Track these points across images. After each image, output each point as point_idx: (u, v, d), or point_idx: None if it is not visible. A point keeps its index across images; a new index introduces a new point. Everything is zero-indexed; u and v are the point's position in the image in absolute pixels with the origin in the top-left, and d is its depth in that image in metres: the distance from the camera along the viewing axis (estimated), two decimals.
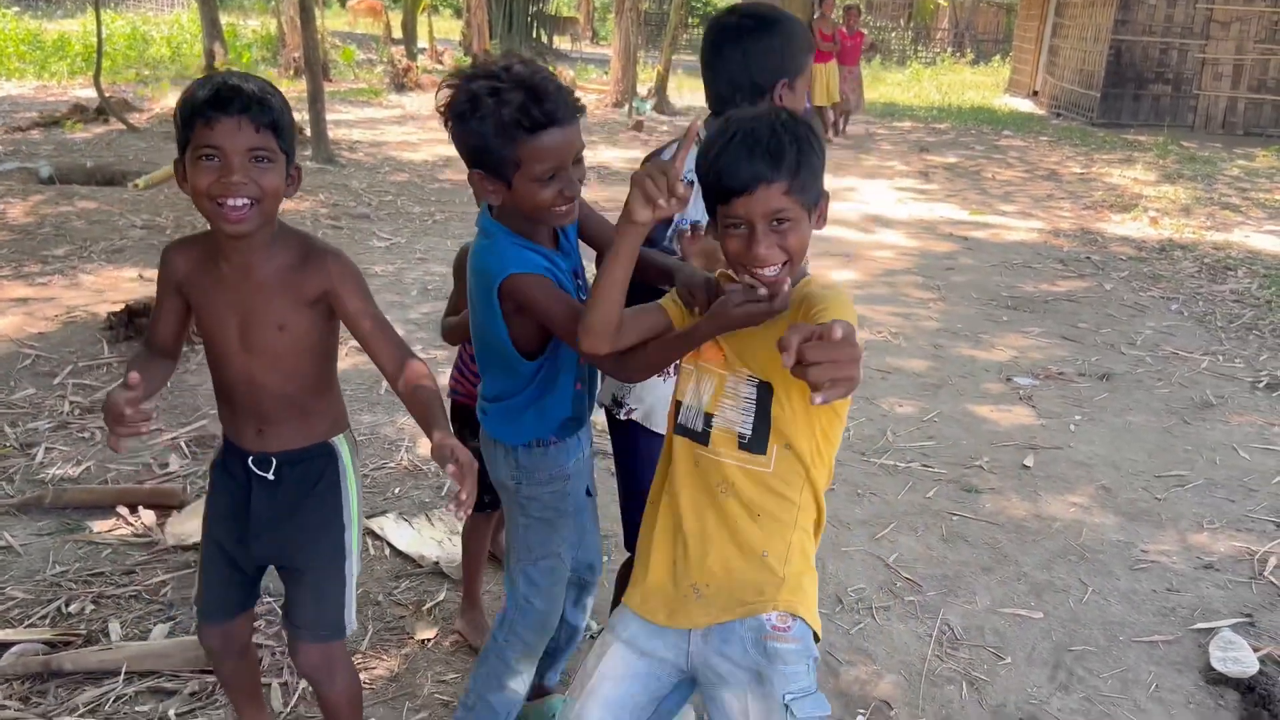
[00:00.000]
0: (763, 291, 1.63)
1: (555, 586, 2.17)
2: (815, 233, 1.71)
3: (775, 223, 1.63)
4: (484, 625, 2.89)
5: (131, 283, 5.91)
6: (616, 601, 2.01)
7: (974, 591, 3.24)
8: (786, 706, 1.67)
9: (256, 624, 2.69)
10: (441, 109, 1.88)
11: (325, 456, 2.03)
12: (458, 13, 33.44)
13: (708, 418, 1.75)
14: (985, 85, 21.96)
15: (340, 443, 2.05)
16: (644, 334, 1.82)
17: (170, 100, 13.67)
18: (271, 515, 2.00)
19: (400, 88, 16.70)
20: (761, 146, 1.60)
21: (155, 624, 2.86)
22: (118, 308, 5.08)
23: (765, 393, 1.70)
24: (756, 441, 1.71)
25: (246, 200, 1.75)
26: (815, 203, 1.68)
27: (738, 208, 1.62)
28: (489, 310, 1.94)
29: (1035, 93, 19.32)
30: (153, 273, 5.80)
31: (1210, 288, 6.90)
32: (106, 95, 11.89)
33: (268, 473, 1.97)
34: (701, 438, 1.76)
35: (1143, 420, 4.66)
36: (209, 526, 2.09)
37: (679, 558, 1.78)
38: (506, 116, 1.80)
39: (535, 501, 2.11)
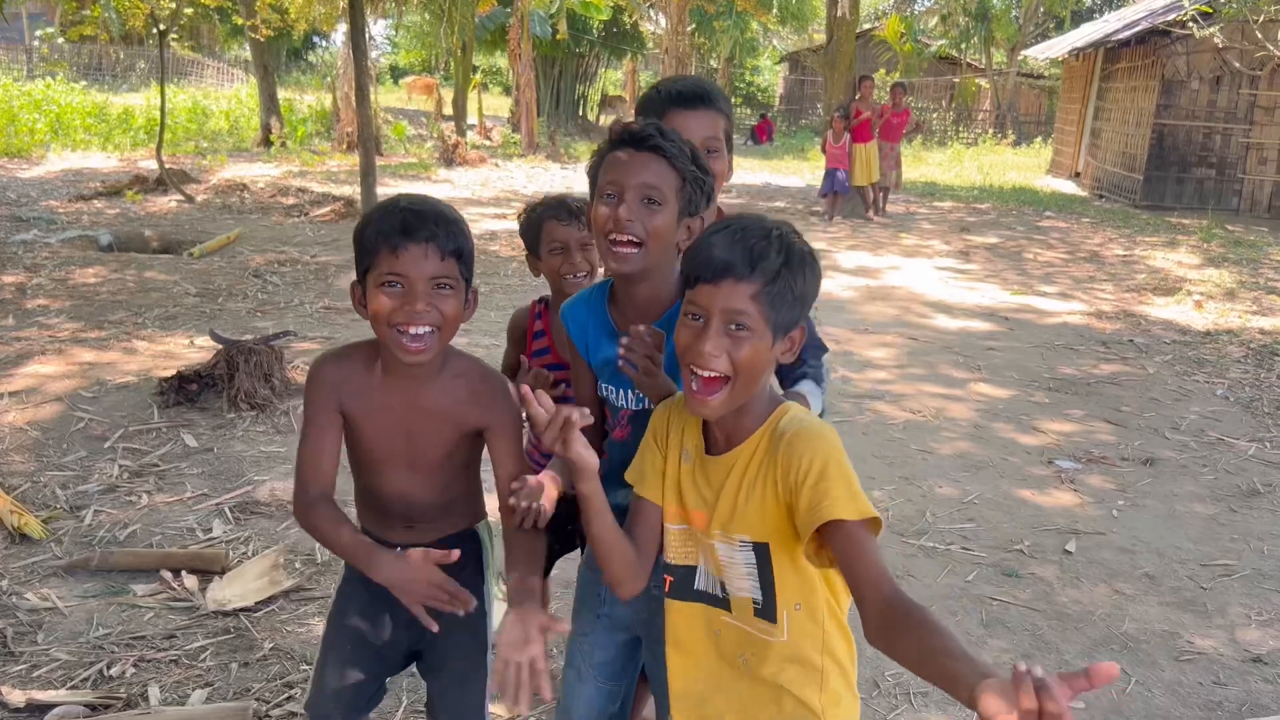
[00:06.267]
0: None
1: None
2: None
3: (734, 326, 1.50)
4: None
5: (184, 349, 6.05)
6: None
7: None
8: None
9: None
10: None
11: (471, 542, 2.03)
12: (507, 90, 34.31)
13: (723, 584, 1.64)
14: (1027, 166, 22.05)
15: (483, 529, 2.06)
16: (656, 536, 1.72)
17: (228, 173, 14.11)
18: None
19: (449, 163, 17.10)
20: (746, 243, 1.51)
21: (194, 689, 2.90)
22: (169, 373, 5.21)
23: (764, 555, 1.58)
24: (768, 608, 1.61)
25: (428, 328, 1.75)
26: (786, 328, 1.55)
27: (700, 295, 1.52)
28: None
29: (1077, 174, 19.36)
30: (203, 339, 5.98)
31: (1257, 373, 6.81)
32: (166, 167, 12.32)
33: None
34: (723, 603, 1.65)
35: (1188, 507, 4.59)
36: (341, 621, 2.03)
37: None
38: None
39: None
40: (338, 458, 1.91)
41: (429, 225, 1.73)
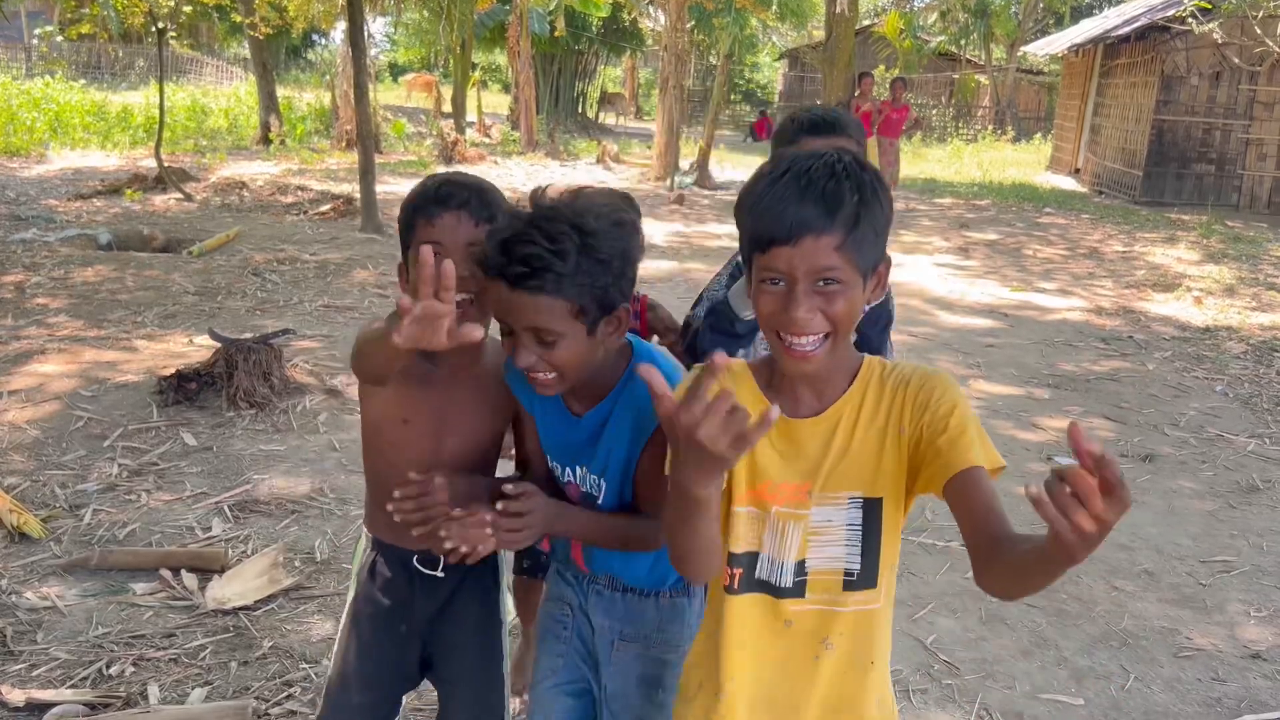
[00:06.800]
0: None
1: None
2: None
3: (821, 283, 1.37)
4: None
5: (183, 347, 6.05)
6: None
7: (1013, 676, 3.19)
8: None
9: None
10: None
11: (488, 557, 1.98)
12: (506, 88, 34.30)
13: (800, 565, 1.48)
14: (1026, 163, 22.03)
15: None
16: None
17: (227, 171, 14.10)
18: (434, 613, 1.94)
19: (448, 160, 17.05)
20: (816, 189, 1.35)
21: (193, 688, 2.90)
22: (169, 372, 5.21)
23: (873, 512, 1.47)
24: (867, 574, 1.47)
25: (466, 295, 1.73)
26: (873, 267, 1.42)
27: (778, 259, 1.37)
28: None
29: (1077, 170, 19.37)
30: (203, 338, 5.96)
31: (1256, 369, 6.81)
32: (165, 165, 12.31)
33: (436, 570, 1.90)
34: (793, 591, 1.49)
35: (1187, 503, 4.59)
36: (354, 637, 1.97)
37: None
38: None
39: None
40: None
41: (462, 192, 1.79)
